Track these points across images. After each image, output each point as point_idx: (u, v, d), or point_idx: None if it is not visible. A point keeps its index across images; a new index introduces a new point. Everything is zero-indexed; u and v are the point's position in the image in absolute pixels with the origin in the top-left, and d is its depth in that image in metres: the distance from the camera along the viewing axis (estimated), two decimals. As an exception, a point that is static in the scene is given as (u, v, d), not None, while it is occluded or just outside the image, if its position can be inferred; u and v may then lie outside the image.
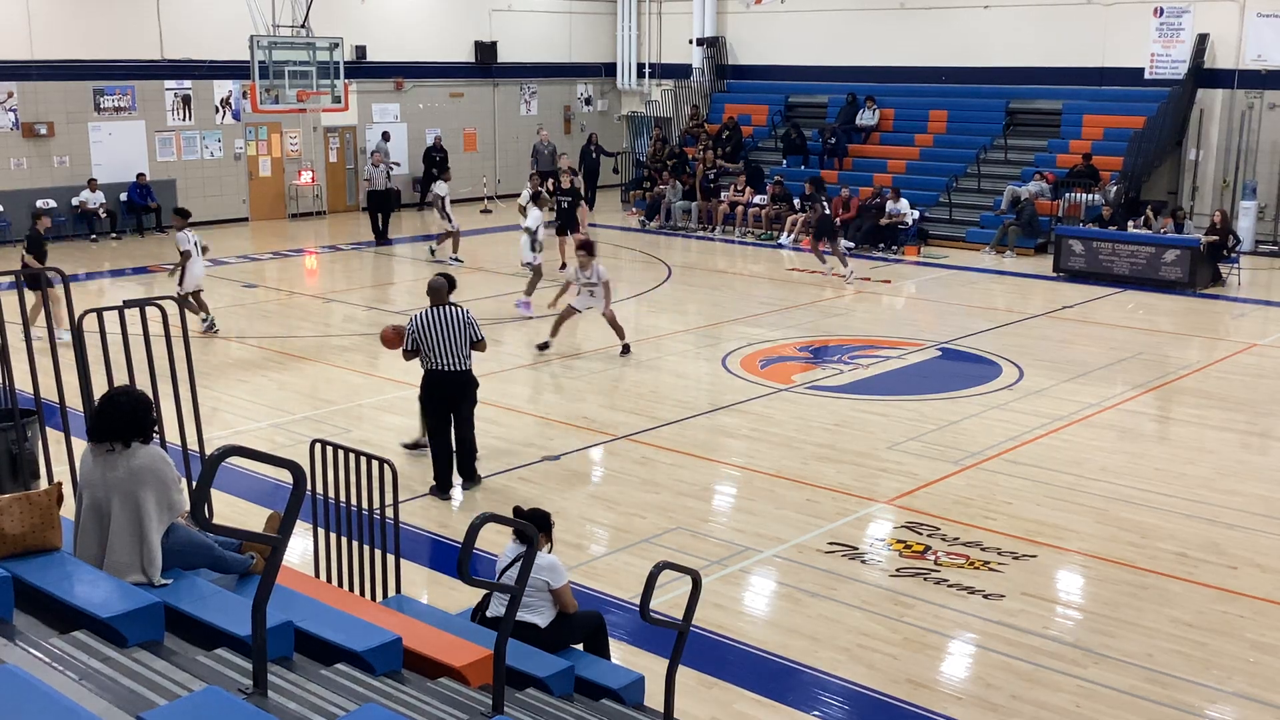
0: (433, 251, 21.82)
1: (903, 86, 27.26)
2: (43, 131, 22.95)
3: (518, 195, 28.27)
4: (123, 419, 5.03)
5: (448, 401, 10.00)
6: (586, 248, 14.87)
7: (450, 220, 21.31)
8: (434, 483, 10.07)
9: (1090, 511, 9.80)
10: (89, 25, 23.17)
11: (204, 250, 15.76)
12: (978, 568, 8.66)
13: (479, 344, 10.02)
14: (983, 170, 24.69)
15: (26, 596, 4.42)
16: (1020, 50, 25.55)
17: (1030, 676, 7.16)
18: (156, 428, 5.36)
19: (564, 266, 19.59)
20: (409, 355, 10.02)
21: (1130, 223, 20.95)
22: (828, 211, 20.67)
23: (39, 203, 23.00)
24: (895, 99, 27.19)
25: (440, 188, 21.46)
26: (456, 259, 21.17)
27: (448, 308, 9.92)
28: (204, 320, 15.55)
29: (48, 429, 6.93)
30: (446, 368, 9.86)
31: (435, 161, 27.78)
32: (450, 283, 10.20)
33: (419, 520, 9.44)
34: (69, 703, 3.19)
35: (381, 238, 23.66)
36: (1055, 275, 20.52)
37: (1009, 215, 22.78)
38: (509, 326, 16.48)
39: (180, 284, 15.10)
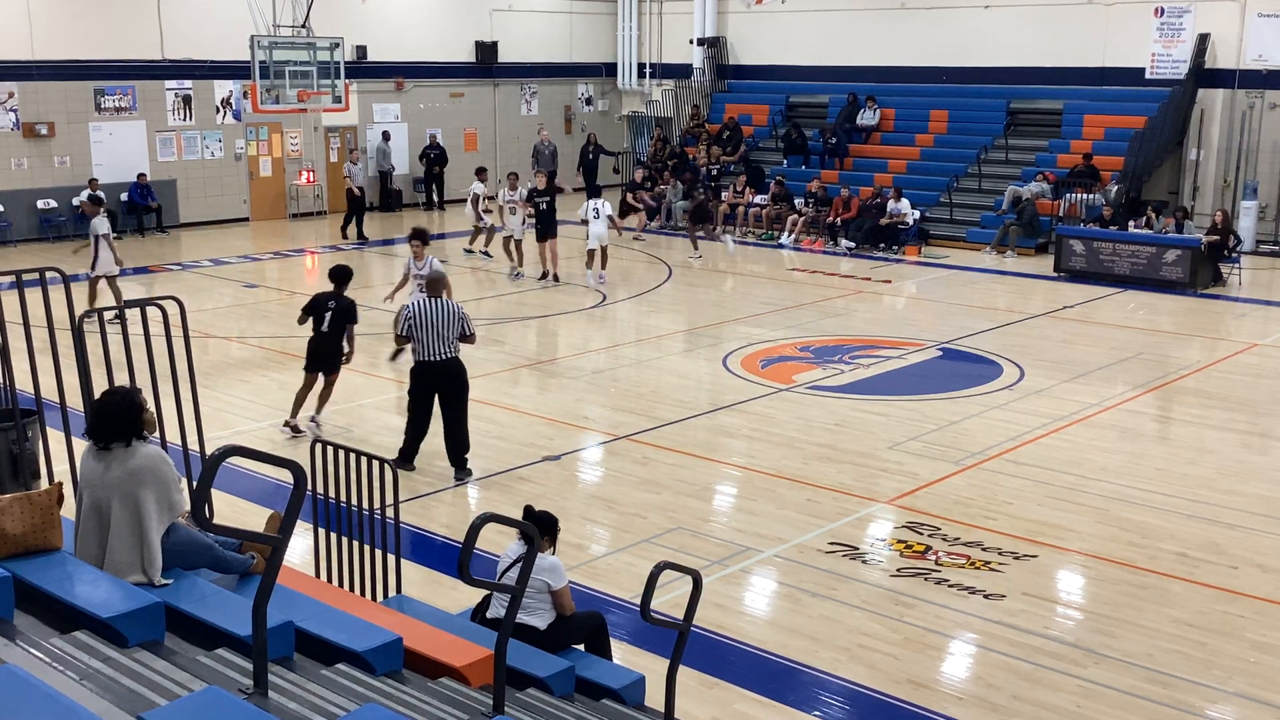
0: (468, 251, 21.98)
1: (903, 86, 27.26)
2: (43, 131, 22.95)
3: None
4: (116, 419, 5.04)
5: (435, 389, 10.35)
6: (420, 236, 13.64)
7: (482, 218, 21.49)
8: (399, 455, 10.31)
9: (1091, 511, 9.80)
10: (89, 25, 23.18)
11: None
12: (978, 568, 8.66)
13: (469, 338, 10.41)
14: (983, 170, 24.69)
15: (27, 596, 4.43)
16: (1021, 50, 25.55)
17: (1031, 677, 7.16)
18: (155, 428, 5.36)
19: (545, 275, 19.59)
20: (401, 341, 10.53)
21: (1131, 223, 20.95)
22: (703, 197, 23.39)
23: (39, 203, 23.08)
24: (896, 99, 27.19)
25: (477, 187, 21.50)
26: (486, 253, 21.60)
27: (442, 300, 10.32)
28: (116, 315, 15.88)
29: (48, 428, 6.93)
30: (435, 357, 10.20)
31: (431, 159, 27.78)
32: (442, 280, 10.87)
33: (419, 520, 9.44)
34: (69, 703, 3.20)
35: (349, 233, 24.27)
36: (1056, 275, 20.52)
37: (1010, 215, 22.78)
38: (510, 326, 16.48)
39: (92, 268, 15.65)
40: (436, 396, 10.41)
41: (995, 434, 11.71)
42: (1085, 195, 22.26)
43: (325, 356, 11.48)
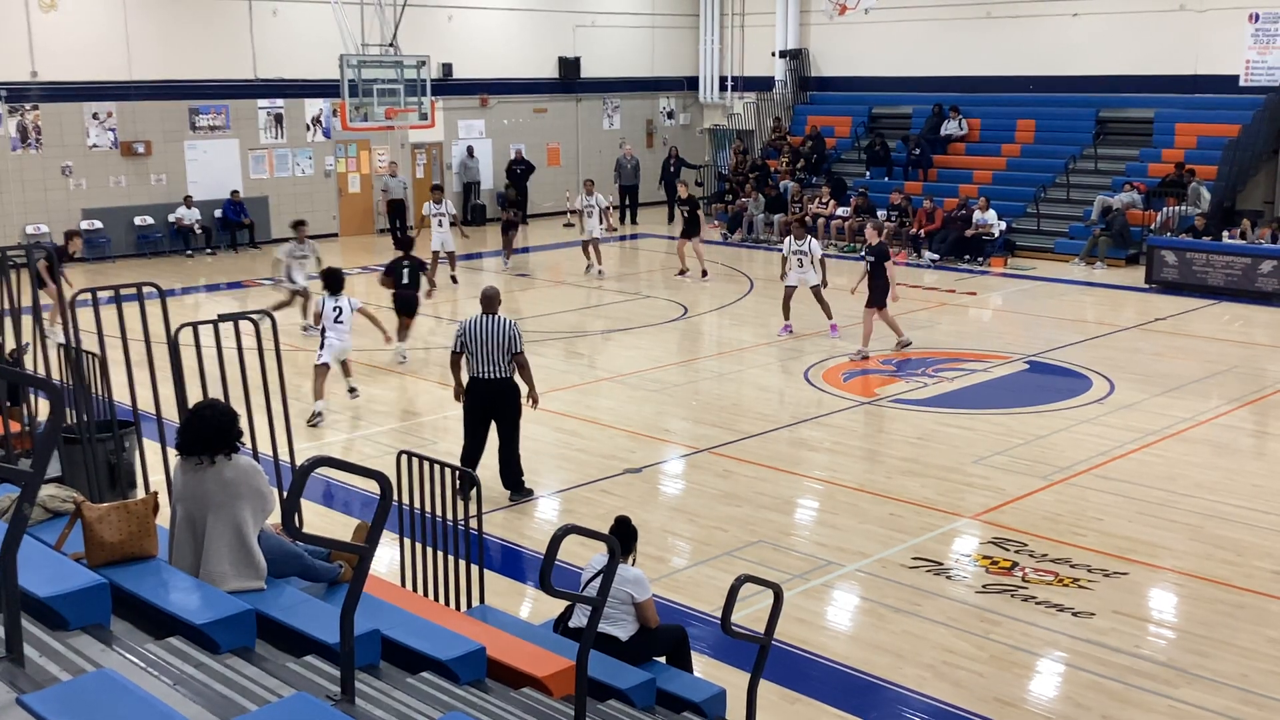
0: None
1: (989, 96, 26.94)
2: (140, 150, 23.61)
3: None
4: (209, 433, 5.11)
5: (487, 408, 10.09)
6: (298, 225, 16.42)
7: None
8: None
9: (1184, 528, 9.57)
10: (185, 47, 23.82)
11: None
12: (1067, 585, 8.51)
13: (519, 356, 9.98)
14: (1072, 180, 24.29)
15: (123, 603, 4.55)
16: (1110, 58, 25.10)
17: (1121, 696, 7.02)
18: (243, 439, 5.46)
19: (683, 272, 20.94)
20: (455, 358, 10.22)
21: (1225, 233, 20.47)
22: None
23: (136, 219, 23.74)
24: (982, 109, 26.88)
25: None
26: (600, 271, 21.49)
27: (496, 317, 10.04)
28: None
29: (145, 439, 7.12)
30: (487, 375, 9.97)
31: (517, 175, 28.07)
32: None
33: (502, 531, 9.52)
34: (164, 707, 3.28)
35: (402, 244, 24.59)
36: (1147, 287, 20.10)
37: (1099, 226, 22.38)
38: (591, 339, 16.57)
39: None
40: (492, 418, 10.13)
41: (1084, 449, 11.50)
42: (1177, 206, 21.79)
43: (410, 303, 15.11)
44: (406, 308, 15.18)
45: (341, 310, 12.64)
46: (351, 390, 13.06)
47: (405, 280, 15.05)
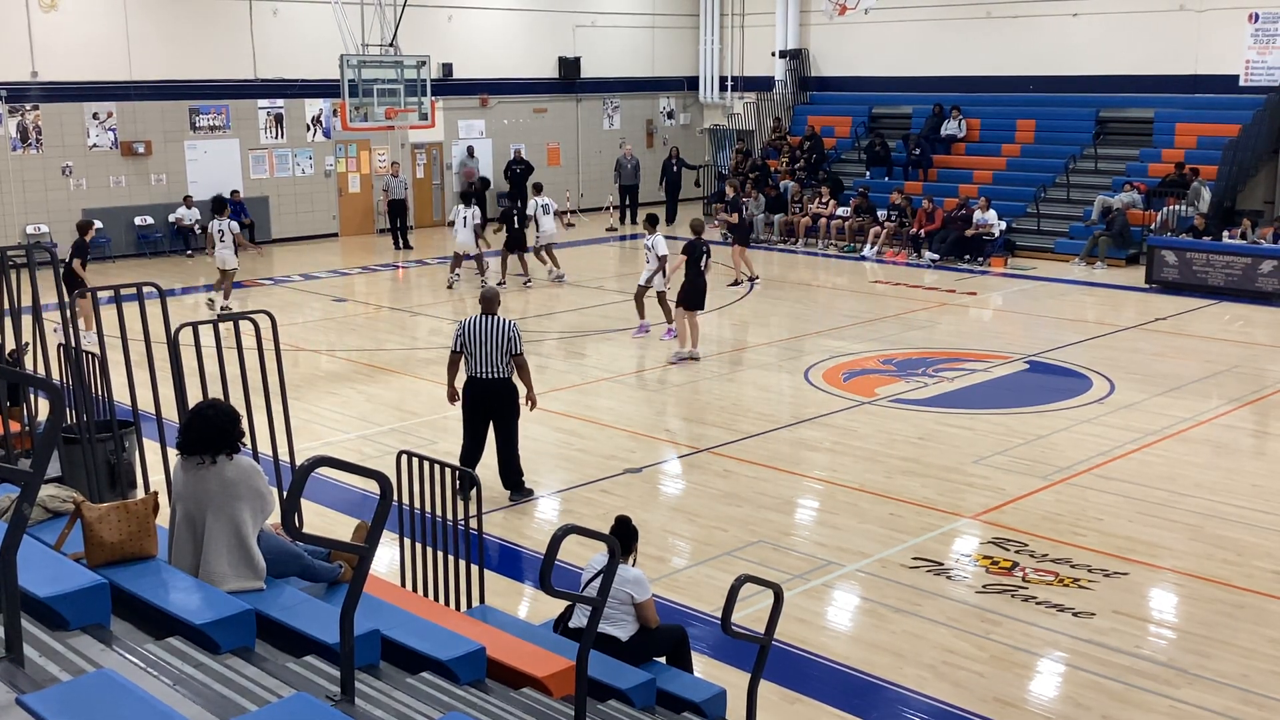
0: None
1: (989, 96, 26.94)
2: (141, 150, 23.61)
3: (603, 209, 28.63)
4: (211, 433, 5.11)
5: (486, 409, 10.09)
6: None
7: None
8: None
9: (1184, 528, 9.57)
10: (185, 47, 23.82)
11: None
12: (1067, 585, 8.51)
13: (518, 357, 10.01)
14: (1072, 180, 24.28)
15: (123, 603, 4.54)
16: (1110, 58, 25.09)
17: (1122, 696, 7.01)
18: (245, 439, 5.45)
19: (738, 282, 20.49)
20: (455, 357, 10.19)
21: (1225, 233, 20.47)
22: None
23: (137, 219, 23.74)
24: (982, 109, 26.88)
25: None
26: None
27: (495, 317, 10.03)
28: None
29: (145, 439, 7.12)
30: (485, 375, 9.97)
31: (516, 175, 28.06)
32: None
33: (502, 531, 9.52)
34: (164, 707, 3.27)
35: (401, 244, 25.30)
36: (1147, 287, 20.10)
37: (1099, 226, 22.37)
38: (591, 339, 16.57)
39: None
40: (490, 418, 10.13)
41: (1084, 449, 11.50)
42: (1176, 206, 21.78)
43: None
44: (509, 245, 20.53)
45: (224, 232, 17.61)
46: (210, 302, 17.35)
47: (515, 225, 20.41)
